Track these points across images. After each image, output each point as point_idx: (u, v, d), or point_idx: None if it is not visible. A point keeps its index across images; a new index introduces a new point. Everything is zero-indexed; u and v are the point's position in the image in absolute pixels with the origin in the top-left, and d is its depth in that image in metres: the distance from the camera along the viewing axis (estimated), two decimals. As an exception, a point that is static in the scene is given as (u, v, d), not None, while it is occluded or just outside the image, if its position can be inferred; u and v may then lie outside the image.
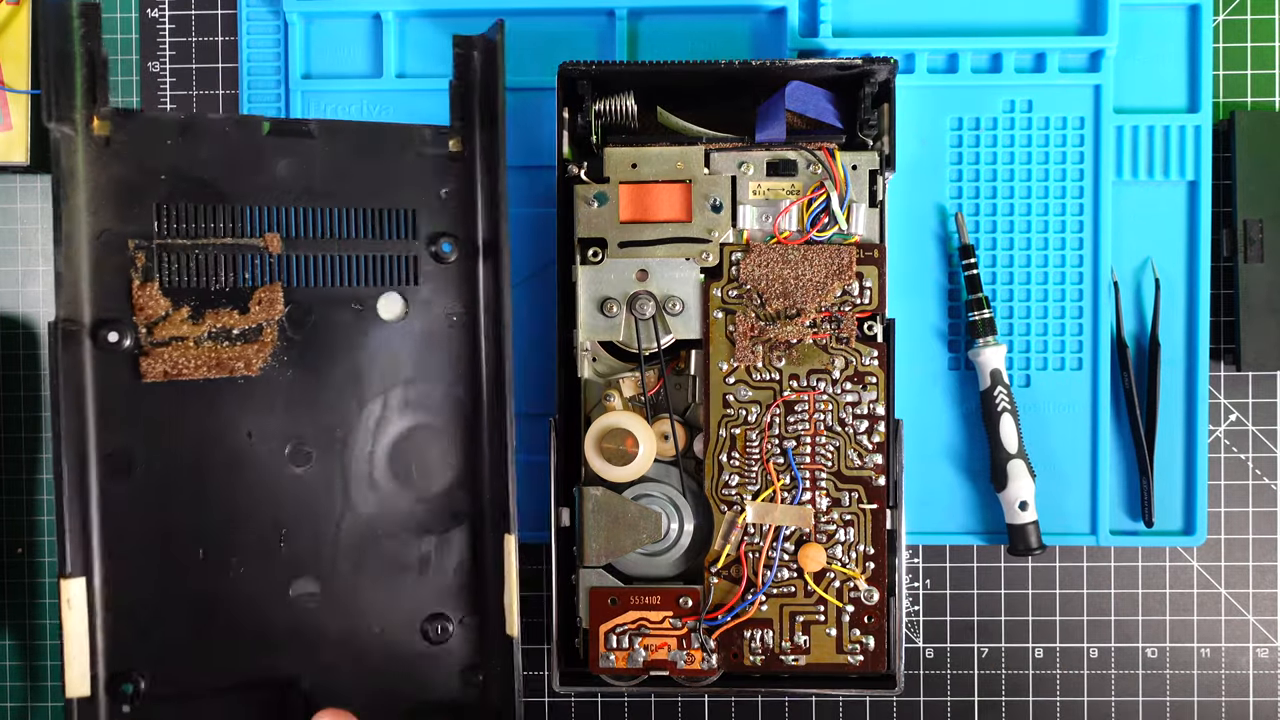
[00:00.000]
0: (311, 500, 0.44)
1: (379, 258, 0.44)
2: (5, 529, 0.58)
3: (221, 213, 0.42)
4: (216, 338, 0.43)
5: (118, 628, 0.42)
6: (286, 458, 0.44)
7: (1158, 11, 0.56)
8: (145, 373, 0.42)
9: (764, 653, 0.51)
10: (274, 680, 0.43)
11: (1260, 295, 0.55)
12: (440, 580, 0.46)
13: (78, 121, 0.41)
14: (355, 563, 0.45)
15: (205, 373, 0.42)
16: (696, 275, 0.51)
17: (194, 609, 0.43)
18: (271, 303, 0.43)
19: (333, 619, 0.44)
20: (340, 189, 0.43)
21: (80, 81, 0.41)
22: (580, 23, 0.56)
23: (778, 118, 0.51)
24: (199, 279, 0.42)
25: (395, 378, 0.45)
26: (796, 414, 0.51)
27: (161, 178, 0.42)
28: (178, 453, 0.43)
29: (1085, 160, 0.55)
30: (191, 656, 0.43)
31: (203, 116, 0.43)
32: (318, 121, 0.44)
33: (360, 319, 0.44)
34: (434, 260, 0.45)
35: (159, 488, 0.42)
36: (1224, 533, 0.57)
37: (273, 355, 0.44)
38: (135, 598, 0.42)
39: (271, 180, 0.43)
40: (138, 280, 0.42)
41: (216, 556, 0.43)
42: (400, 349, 0.45)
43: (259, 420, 0.43)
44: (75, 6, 0.42)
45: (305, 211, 0.43)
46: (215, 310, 0.43)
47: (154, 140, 0.42)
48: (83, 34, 0.42)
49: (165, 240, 0.42)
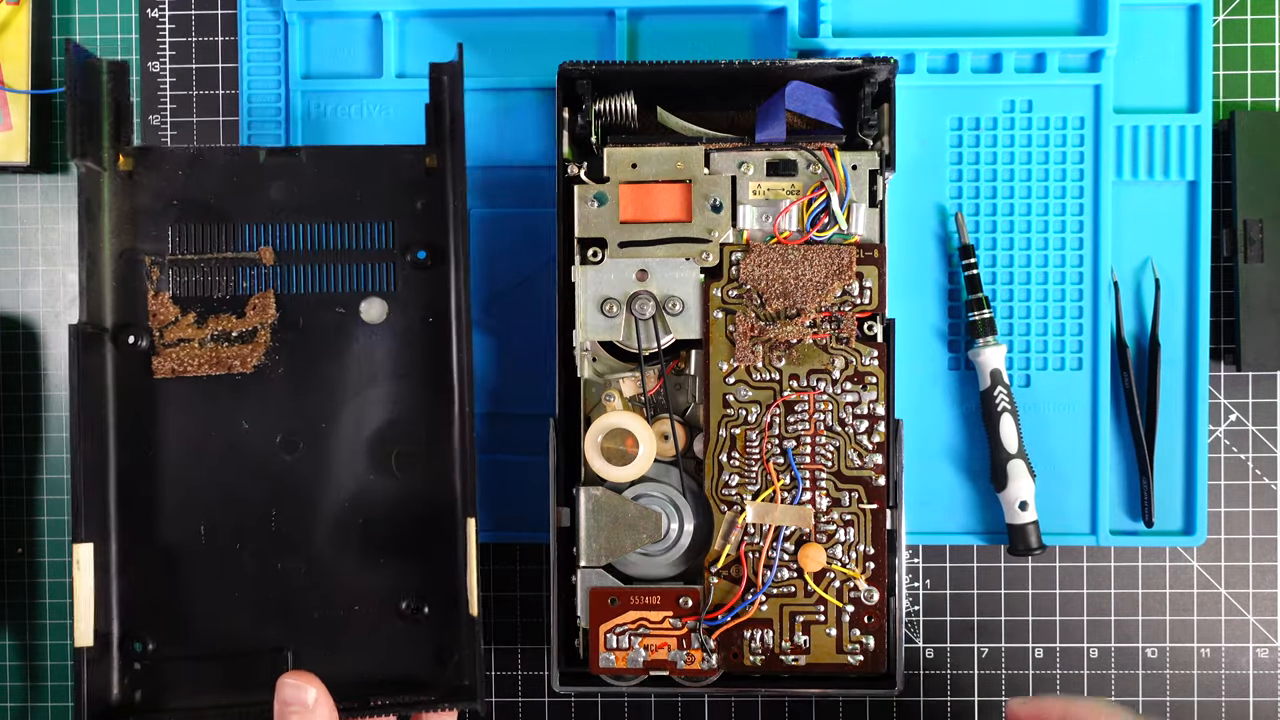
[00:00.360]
0: (299, 485, 0.49)
1: (361, 266, 0.49)
2: (5, 529, 0.58)
3: (223, 231, 0.48)
4: (217, 339, 0.48)
5: (128, 593, 0.47)
6: (278, 446, 0.49)
7: (1158, 11, 0.56)
8: (156, 370, 0.48)
9: (764, 653, 0.51)
10: (264, 648, 0.48)
11: (1260, 295, 0.55)
12: (416, 564, 0.49)
13: (104, 160, 0.48)
14: (338, 544, 0.49)
15: (207, 370, 0.48)
16: (696, 275, 0.51)
17: (195, 580, 0.48)
18: (265, 308, 0.49)
19: (317, 595, 0.49)
20: (326, 206, 0.49)
21: (107, 128, 0.48)
22: (580, 23, 0.56)
23: (778, 118, 0.51)
24: (203, 289, 0.48)
25: (376, 375, 0.49)
26: (796, 414, 0.51)
27: (174, 203, 0.48)
28: (183, 439, 0.48)
29: (1085, 160, 0.55)
30: (193, 623, 0.48)
31: (209, 149, 0.49)
32: (307, 149, 0.49)
33: (344, 321, 0.49)
34: (411, 267, 0.49)
35: (166, 470, 0.48)
36: (1224, 533, 0.57)
37: (266, 354, 0.49)
38: (145, 566, 0.48)
39: (266, 201, 0.49)
40: (152, 291, 0.48)
41: (215, 533, 0.48)
42: (380, 348, 0.49)
43: (254, 412, 0.48)
44: (105, 65, 0.48)
45: (295, 227, 0.49)
46: (216, 315, 0.48)
47: (168, 171, 0.49)
48: (111, 88, 0.48)
49: (176, 256, 0.48)
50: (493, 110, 0.56)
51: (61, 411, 0.58)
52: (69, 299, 0.58)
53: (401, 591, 0.49)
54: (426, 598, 0.49)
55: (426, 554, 0.49)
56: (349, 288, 0.49)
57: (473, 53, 0.56)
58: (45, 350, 0.58)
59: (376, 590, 0.49)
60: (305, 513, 0.49)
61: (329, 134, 0.56)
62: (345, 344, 0.49)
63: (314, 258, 0.49)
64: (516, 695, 0.57)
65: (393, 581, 0.49)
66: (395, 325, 0.49)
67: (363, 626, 0.49)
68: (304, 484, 0.49)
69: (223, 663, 0.48)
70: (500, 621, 0.57)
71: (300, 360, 0.49)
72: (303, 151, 0.49)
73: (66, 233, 0.58)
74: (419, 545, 0.49)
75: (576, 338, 0.51)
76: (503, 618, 0.58)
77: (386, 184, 0.49)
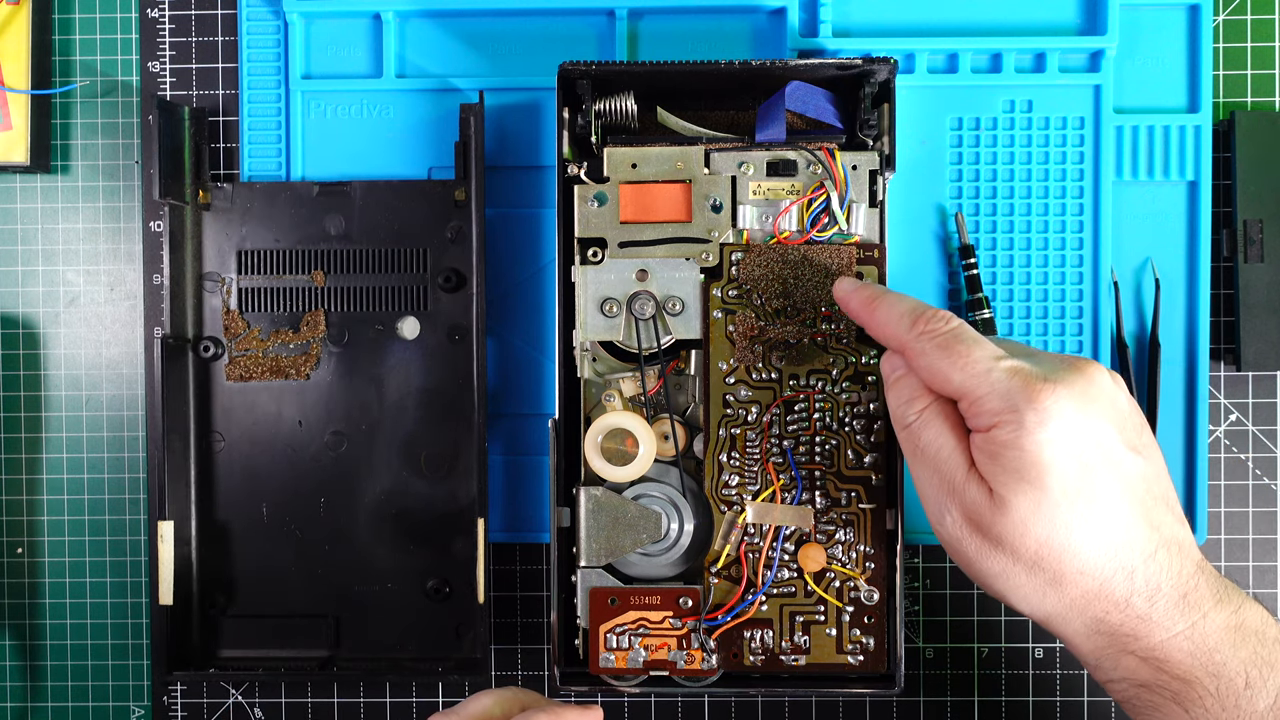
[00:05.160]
0: (343, 478, 0.57)
1: (399, 288, 0.56)
2: (5, 529, 0.58)
3: (283, 256, 0.56)
4: (278, 350, 0.56)
5: (201, 562, 0.56)
6: (326, 443, 0.57)
7: (1158, 11, 0.56)
8: (227, 376, 0.56)
9: (764, 653, 0.51)
10: (315, 615, 0.57)
11: (1260, 295, 0.55)
12: (440, 552, 0.56)
13: (186, 196, 0.56)
14: (375, 531, 0.57)
15: (269, 376, 0.56)
16: (696, 275, 0.51)
17: (256, 554, 0.57)
18: (316, 324, 0.56)
19: (356, 573, 0.57)
20: (369, 234, 0.56)
21: (189, 168, 0.56)
22: (580, 23, 0.56)
23: (778, 118, 0.51)
24: (266, 306, 0.56)
25: (409, 384, 0.56)
26: (796, 414, 0.51)
27: (243, 230, 0.56)
28: (247, 434, 0.57)
29: (1085, 160, 0.55)
30: (253, 589, 0.57)
31: (272, 185, 0.56)
32: (356, 183, 0.56)
33: (383, 337, 0.56)
34: (440, 289, 0.56)
35: (235, 460, 0.57)
36: (1224, 533, 0.57)
37: (317, 364, 0.56)
38: (214, 541, 0.57)
39: (319, 230, 0.56)
40: (224, 309, 0.56)
41: (275, 516, 0.57)
42: (414, 362, 0.56)
43: (307, 413, 0.57)
44: (188, 112, 0.56)
45: (343, 253, 0.56)
46: (276, 330, 0.56)
47: (240, 204, 0.56)
48: (192, 133, 0.56)
49: (244, 277, 0.56)
50: (493, 110, 0.56)
51: (61, 412, 0.58)
52: (69, 299, 0.58)
53: (428, 575, 0.56)
54: (449, 581, 0.56)
55: (450, 544, 0.56)
56: (388, 308, 0.56)
57: (473, 52, 0.56)
58: (45, 350, 0.58)
59: (406, 572, 0.56)
60: (348, 502, 0.56)
61: (329, 134, 0.56)
62: (384, 357, 0.56)
63: (359, 279, 0.56)
64: (516, 695, 0.57)
65: (421, 566, 0.56)
66: (426, 342, 0.56)
67: (394, 602, 0.56)
68: (348, 477, 0.56)
69: (276, 623, 0.57)
70: (500, 621, 0.58)
71: (346, 370, 0.56)
72: (351, 186, 0.56)
73: (66, 233, 0.58)
74: (443, 537, 0.56)
75: (576, 338, 0.51)
76: (503, 618, 0.58)
77: (422, 214, 0.56)
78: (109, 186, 0.58)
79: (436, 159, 0.56)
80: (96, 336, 0.58)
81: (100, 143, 0.58)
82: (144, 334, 0.58)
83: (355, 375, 0.56)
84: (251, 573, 0.57)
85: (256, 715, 0.58)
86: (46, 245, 0.58)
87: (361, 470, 0.56)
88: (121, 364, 0.58)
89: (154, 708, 0.58)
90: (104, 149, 0.58)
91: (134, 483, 0.58)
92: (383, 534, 0.56)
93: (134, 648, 0.58)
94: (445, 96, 0.56)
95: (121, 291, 0.58)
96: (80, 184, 0.58)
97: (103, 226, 0.58)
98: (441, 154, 0.56)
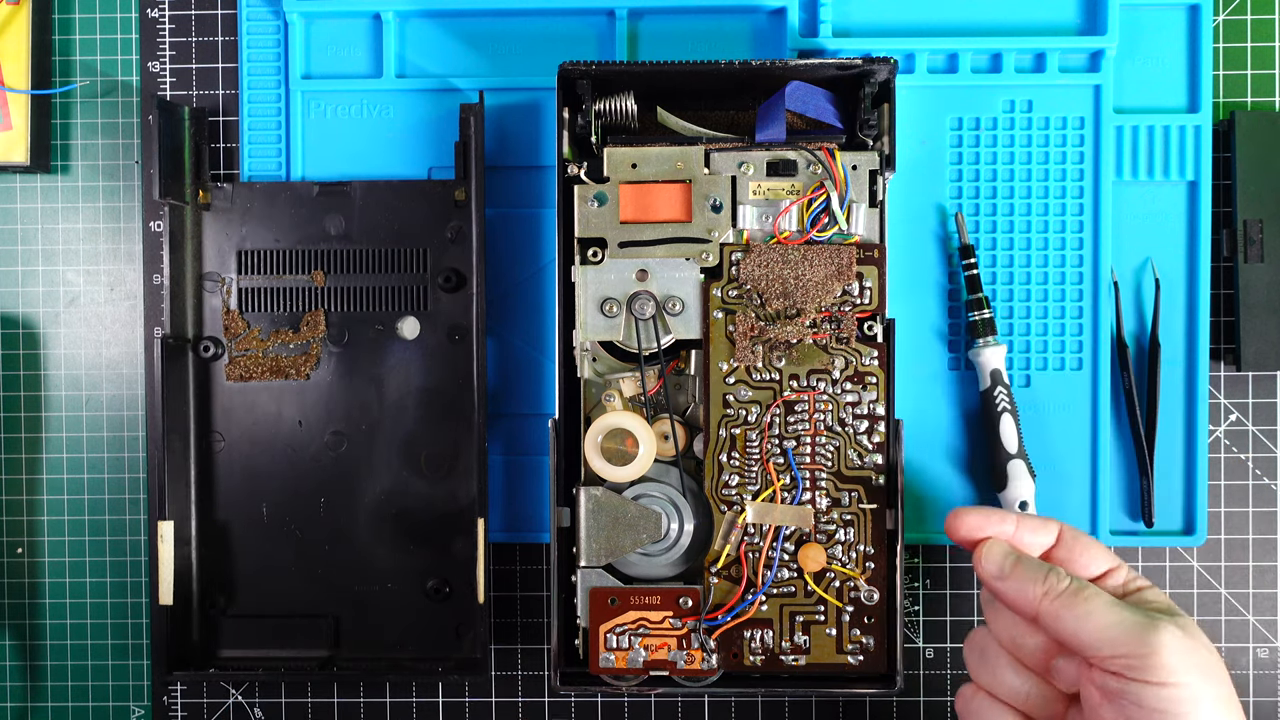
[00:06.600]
0: (343, 478, 0.56)
1: (399, 288, 0.56)
2: (5, 529, 0.58)
3: (283, 256, 0.56)
4: (278, 350, 0.56)
5: (201, 562, 0.56)
6: (326, 443, 0.56)
7: (1158, 11, 0.56)
8: (228, 375, 0.56)
9: (764, 653, 0.51)
10: (315, 615, 0.56)
11: (1260, 295, 0.55)
12: (440, 552, 0.56)
13: (187, 196, 0.55)
14: (375, 531, 0.56)
15: (269, 376, 0.56)
16: (696, 275, 0.51)
17: (256, 554, 0.56)
18: (316, 324, 0.56)
19: (357, 573, 0.56)
20: (369, 234, 0.56)
21: (189, 168, 0.55)
22: (580, 23, 0.56)
23: (778, 118, 0.51)
24: (266, 307, 0.56)
25: (409, 384, 0.56)
26: (796, 414, 0.51)
27: (243, 230, 0.56)
28: (248, 434, 0.56)
29: (1085, 160, 0.55)
30: (253, 589, 0.56)
31: (272, 185, 0.56)
32: (356, 183, 0.56)
33: (383, 337, 0.56)
34: (440, 288, 0.55)
35: (235, 460, 0.56)
36: (1224, 533, 0.57)
37: (317, 364, 0.56)
38: (214, 540, 0.56)
39: (319, 230, 0.56)
40: (224, 309, 0.56)
41: (275, 515, 0.56)
42: (414, 362, 0.56)
43: (307, 413, 0.56)
44: (188, 112, 0.56)
45: (343, 253, 0.56)
46: (276, 330, 0.56)
47: (240, 204, 0.56)
48: (192, 133, 0.56)
49: (244, 277, 0.56)
50: (493, 110, 0.56)
51: (61, 412, 0.58)
52: (69, 299, 0.58)
53: (428, 575, 0.56)
54: (449, 581, 0.56)
55: (450, 544, 0.56)
56: (387, 308, 0.56)
57: (473, 52, 0.56)
58: (45, 350, 0.58)
59: (406, 572, 0.56)
60: (348, 501, 0.56)
61: (329, 134, 0.56)
62: (384, 357, 0.56)
63: (359, 279, 0.56)
64: (516, 695, 0.57)
65: (421, 566, 0.56)
66: (426, 342, 0.56)
67: (394, 602, 0.56)
68: (348, 477, 0.56)
69: (276, 623, 0.56)
70: (500, 621, 0.58)
71: (346, 370, 0.56)
72: (351, 186, 0.56)
73: (66, 233, 0.58)
74: (443, 537, 0.56)
75: (576, 338, 0.51)
76: (503, 618, 0.58)
77: (422, 214, 0.55)
78: (109, 186, 0.58)
79: (436, 159, 0.56)
80: (96, 336, 0.58)
81: (100, 143, 0.58)
82: (144, 334, 0.58)
83: (355, 375, 0.56)
84: (251, 573, 0.56)
85: (256, 715, 0.58)
86: (46, 245, 0.58)
87: (361, 470, 0.56)
88: (121, 364, 0.58)
89: (154, 708, 0.58)
90: (104, 149, 0.58)
91: (134, 483, 0.58)
92: (383, 534, 0.56)
93: (134, 648, 0.58)
94: (445, 96, 0.56)
95: (121, 291, 0.58)
96: (80, 184, 0.58)
97: (103, 226, 0.58)
98: (441, 154, 0.56)
